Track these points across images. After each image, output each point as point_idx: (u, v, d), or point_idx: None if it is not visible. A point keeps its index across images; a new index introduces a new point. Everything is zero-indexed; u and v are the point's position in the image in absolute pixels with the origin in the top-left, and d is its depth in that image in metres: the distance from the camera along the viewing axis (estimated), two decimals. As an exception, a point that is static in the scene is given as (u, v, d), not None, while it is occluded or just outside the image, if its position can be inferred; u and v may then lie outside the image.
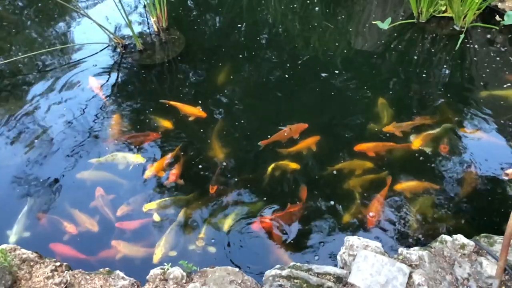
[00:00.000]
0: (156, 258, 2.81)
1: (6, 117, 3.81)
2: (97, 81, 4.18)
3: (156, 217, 3.07)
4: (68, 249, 2.90)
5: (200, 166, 3.41)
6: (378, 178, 3.30)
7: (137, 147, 3.56)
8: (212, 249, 2.88)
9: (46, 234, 3.00)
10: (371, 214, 3.04)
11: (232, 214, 3.07)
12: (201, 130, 3.68)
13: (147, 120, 3.78)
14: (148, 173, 3.34)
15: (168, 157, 3.45)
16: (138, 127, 3.73)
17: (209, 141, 3.59)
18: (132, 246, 2.92)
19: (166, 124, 3.72)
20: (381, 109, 3.84)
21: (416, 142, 3.52)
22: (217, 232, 2.99)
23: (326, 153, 3.50)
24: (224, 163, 3.41)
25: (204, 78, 4.24)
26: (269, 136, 3.58)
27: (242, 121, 3.77)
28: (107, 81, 4.23)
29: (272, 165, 3.37)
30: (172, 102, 3.88)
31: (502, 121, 3.75)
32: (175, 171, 3.34)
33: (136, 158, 3.43)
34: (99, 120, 3.81)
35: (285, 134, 3.59)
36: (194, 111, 3.81)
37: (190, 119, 3.76)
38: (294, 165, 3.36)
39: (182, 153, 3.48)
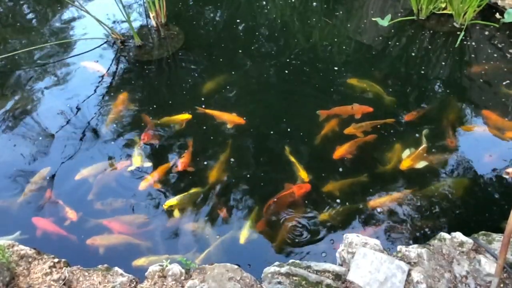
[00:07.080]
0: (137, 263, 2.76)
1: (5, 112, 3.79)
2: (95, 63, 4.25)
3: (176, 213, 3.03)
4: (48, 223, 2.93)
5: (205, 163, 3.38)
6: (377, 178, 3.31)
7: (139, 146, 3.52)
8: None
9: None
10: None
11: (246, 225, 3.01)
12: (204, 128, 3.66)
13: (150, 117, 3.75)
14: (145, 183, 3.22)
15: (172, 161, 3.38)
16: (142, 124, 3.70)
17: (211, 138, 3.57)
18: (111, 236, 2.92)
19: (168, 121, 3.70)
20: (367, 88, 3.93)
21: (405, 162, 3.31)
22: (220, 232, 2.98)
23: (328, 150, 3.49)
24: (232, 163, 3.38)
25: (204, 74, 4.22)
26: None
27: (244, 118, 3.73)
28: (105, 76, 4.21)
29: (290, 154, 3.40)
30: (208, 110, 3.75)
31: (505, 119, 3.74)
32: (184, 160, 3.29)
33: (137, 161, 3.32)
34: (99, 115, 3.80)
35: (348, 110, 3.64)
36: (233, 119, 3.67)
37: (228, 125, 3.65)
38: (304, 175, 3.24)
39: (188, 147, 3.44)
